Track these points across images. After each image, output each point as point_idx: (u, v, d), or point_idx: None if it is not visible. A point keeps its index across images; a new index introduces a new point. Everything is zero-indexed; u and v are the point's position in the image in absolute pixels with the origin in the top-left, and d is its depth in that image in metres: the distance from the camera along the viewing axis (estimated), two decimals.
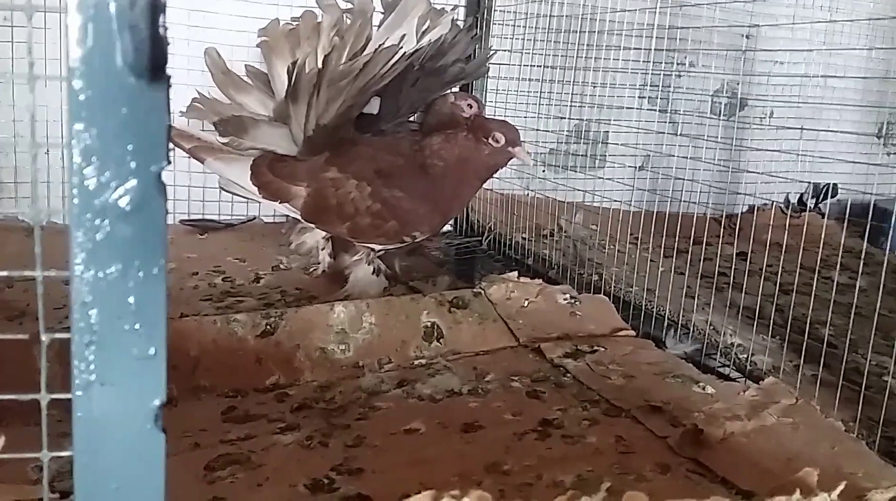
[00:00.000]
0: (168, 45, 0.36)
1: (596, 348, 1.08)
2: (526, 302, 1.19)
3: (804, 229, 2.12)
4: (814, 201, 2.33)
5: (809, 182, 2.35)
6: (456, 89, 1.61)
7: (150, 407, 0.41)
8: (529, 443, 0.84)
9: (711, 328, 1.14)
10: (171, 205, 1.74)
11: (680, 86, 2.15)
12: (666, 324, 1.21)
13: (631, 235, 1.71)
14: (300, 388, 0.99)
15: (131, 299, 0.38)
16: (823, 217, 2.22)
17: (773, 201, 2.18)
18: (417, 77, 1.40)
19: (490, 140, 1.31)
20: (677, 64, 2.11)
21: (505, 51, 1.81)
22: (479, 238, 1.80)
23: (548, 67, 1.89)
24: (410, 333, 1.11)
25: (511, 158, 1.34)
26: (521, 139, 1.34)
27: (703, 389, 0.96)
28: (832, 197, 2.32)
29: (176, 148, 1.36)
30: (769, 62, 2.29)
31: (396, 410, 0.92)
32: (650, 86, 2.11)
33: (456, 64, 1.46)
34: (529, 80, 1.87)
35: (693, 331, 1.18)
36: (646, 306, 1.26)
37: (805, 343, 1.06)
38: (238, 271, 1.48)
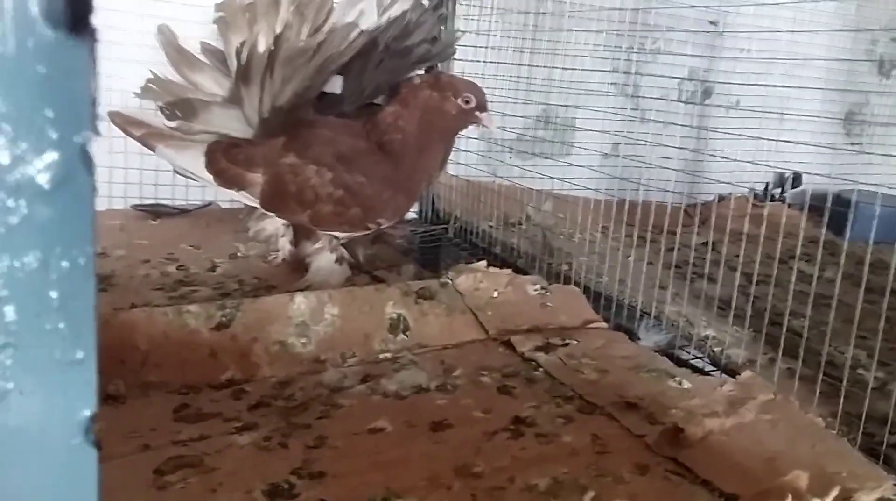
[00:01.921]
0: None
1: (568, 341, 1.04)
2: (495, 293, 1.15)
3: (769, 219, 2.13)
4: (779, 190, 2.33)
5: (774, 171, 2.35)
6: (422, 71, 1.56)
7: (78, 419, 0.35)
8: (501, 443, 0.79)
9: (685, 320, 1.11)
10: (122, 189, 1.69)
11: (647, 72, 2.12)
12: (638, 315, 1.17)
13: (597, 223, 1.68)
14: (257, 384, 0.94)
15: (53, 294, 0.33)
16: (788, 207, 2.23)
17: (751, 189, 2.19)
18: (382, 58, 1.34)
19: (459, 100, 1.26)
20: (646, 51, 2.08)
21: (471, 33, 1.76)
22: (445, 226, 1.75)
23: (515, 50, 1.85)
24: (375, 325, 1.05)
25: (475, 122, 1.30)
26: None
27: (680, 384, 0.92)
28: (796, 186, 2.32)
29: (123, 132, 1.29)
30: (735, 50, 2.28)
31: (360, 408, 0.86)
32: (619, 72, 2.08)
33: (422, 45, 1.40)
34: (497, 63, 1.82)
35: (665, 323, 1.14)
36: (617, 297, 1.22)
37: (778, 335, 1.03)
38: (192, 259, 1.41)
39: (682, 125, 1.88)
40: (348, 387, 0.92)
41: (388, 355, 1.02)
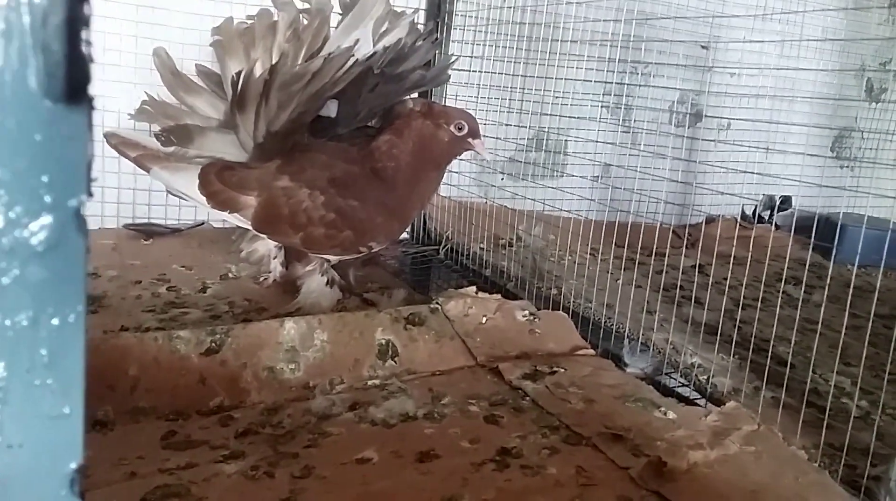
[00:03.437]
0: (91, 64, 0.32)
1: (555, 368, 1.05)
2: (484, 319, 1.16)
3: (758, 242, 2.15)
4: (767, 212, 2.35)
5: (763, 194, 2.37)
6: (415, 96, 1.58)
7: (64, 472, 0.36)
8: (487, 474, 0.80)
9: (671, 347, 1.12)
10: (114, 208, 1.70)
11: (639, 95, 2.14)
12: (625, 341, 1.18)
13: (587, 245, 1.69)
14: (246, 411, 0.94)
15: (43, 351, 0.33)
16: (776, 229, 2.25)
17: (743, 209, 2.20)
18: (377, 82, 1.35)
19: (452, 127, 1.28)
20: (638, 74, 2.10)
21: (466, 57, 1.78)
22: (437, 247, 1.76)
23: (508, 74, 1.87)
24: (364, 351, 1.06)
25: (468, 149, 1.32)
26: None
27: (665, 414, 0.93)
28: (785, 209, 2.34)
29: (118, 153, 1.30)
30: (726, 74, 2.31)
31: (348, 436, 0.87)
32: (610, 94, 2.10)
33: (416, 70, 1.41)
34: (489, 87, 1.84)
35: (652, 349, 1.16)
36: (605, 322, 1.23)
37: (764, 362, 1.05)
38: (184, 280, 1.42)
39: (668, 148, 1.90)
40: (336, 415, 0.92)
41: (377, 381, 1.02)
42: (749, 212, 2.34)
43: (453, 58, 1.66)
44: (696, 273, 1.53)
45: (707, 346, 1.17)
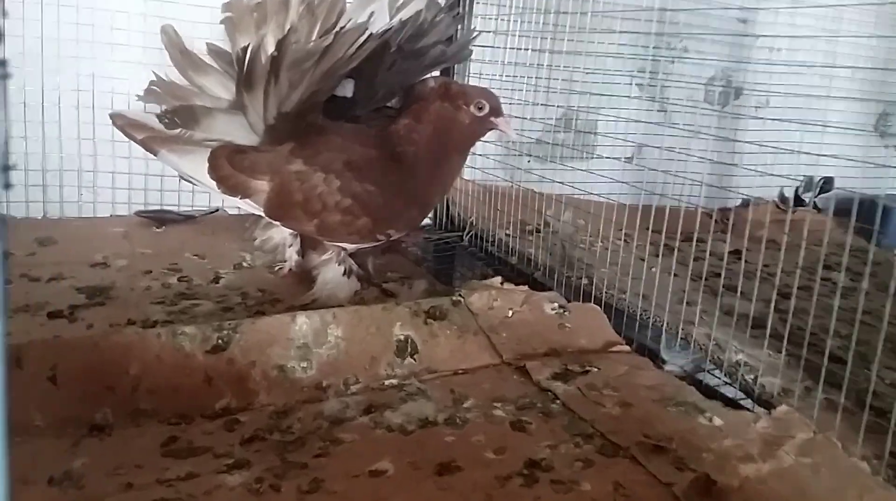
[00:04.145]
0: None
1: (588, 368, 0.97)
2: (510, 312, 1.08)
3: (798, 226, 2.04)
4: (808, 194, 2.23)
5: (803, 175, 2.25)
6: (436, 73, 1.49)
7: None
8: (514, 490, 0.72)
9: (714, 343, 1.03)
10: (126, 195, 1.64)
11: (673, 72, 2.04)
12: (663, 336, 1.10)
13: (620, 231, 1.60)
14: (254, 414, 0.87)
15: None
16: (819, 212, 2.14)
17: (782, 192, 2.09)
18: (395, 59, 1.27)
19: (472, 108, 1.21)
20: (671, 49, 2.00)
21: (489, 32, 1.69)
22: (460, 234, 1.68)
23: (534, 50, 1.77)
24: (381, 347, 0.99)
25: (492, 128, 1.24)
26: None
27: (710, 420, 0.85)
28: (826, 191, 2.23)
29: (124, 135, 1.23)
30: (766, 49, 2.19)
31: (362, 444, 0.80)
32: (643, 71, 2.00)
33: (436, 46, 1.33)
34: (515, 64, 1.75)
35: (693, 345, 1.07)
36: (641, 315, 1.15)
37: (815, 359, 0.95)
38: (196, 270, 1.35)
39: (704, 128, 1.80)
40: (350, 419, 0.85)
41: (395, 381, 0.95)
42: (788, 194, 2.23)
43: (476, 33, 1.57)
44: (739, 261, 1.43)
45: (751, 340, 1.08)
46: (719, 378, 1.06)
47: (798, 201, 2.21)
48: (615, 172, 1.70)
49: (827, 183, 2.21)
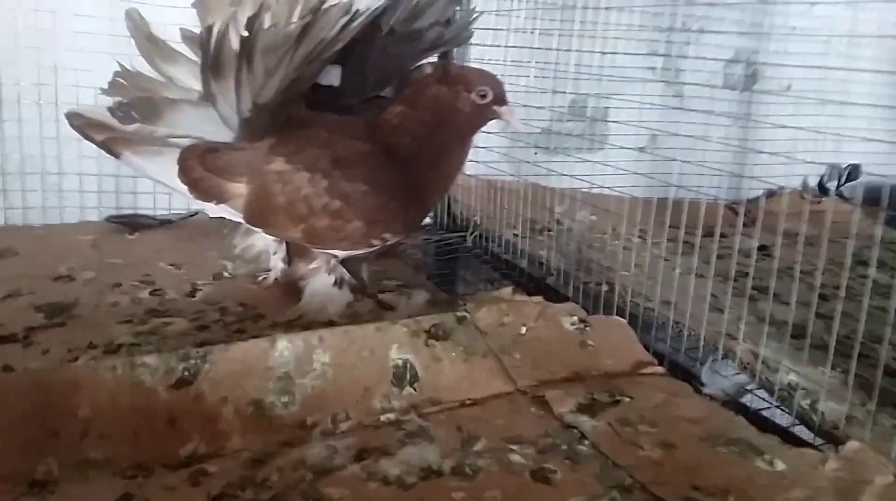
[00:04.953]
0: None
1: (618, 397, 0.83)
2: (524, 329, 0.94)
3: (825, 217, 1.90)
4: (834, 183, 2.09)
5: (828, 163, 2.11)
6: (434, 58, 1.35)
7: None
8: None
9: (762, 363, 0.89)
10: (95, 198, 1.50)
11: (690, 55, 1.89)
12: (699, 352, 0.96)
13: (634, 227, 1.46)
14: (225, 462, 0.73)
15: None
16: (845, 202, 2.01)
17: (806, 181, 1.96)
18: (387, 43, 1.13)
19: (473, 95, 1.07)
20: (687, 29, 1.85)
21: (491, 13, 1.54)
22: (463, 234, 1.54)
23: (541, 32, 1.63)
24: (376, 376, 0.85)
25: (494, 118, 1.11)
26: None
27: (771, 464, 0.71)
28: (853, 179, 2.09)
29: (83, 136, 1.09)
30: (787, 28, 2.04)
31: None
32: (657, 54, 1.86)
33: (433, 28, 1.19)
34: (519, 47, 1.61)
35: (736, 363, 0.93)
36: (672, 327, 1.01)
37: (875, 380, 0.81)
38: (171, 282, 1.22)
39: (727, 113, 1.67)
40: (338, 468, 0.71)
41: (392, 416, 0.81)
42: (812, 184, 2.09)
43: (476, 13, 1.43)
44: (767, 258, 1.30)
45: (797, 353, 0.94)
46: (762, 397, 0.92)
47: (822, 189, 2.07)
48: (628, 163, 1.56)
49: (853, 171, 2.07)
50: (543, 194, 1.47)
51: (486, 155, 1.62)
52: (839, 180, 2.08)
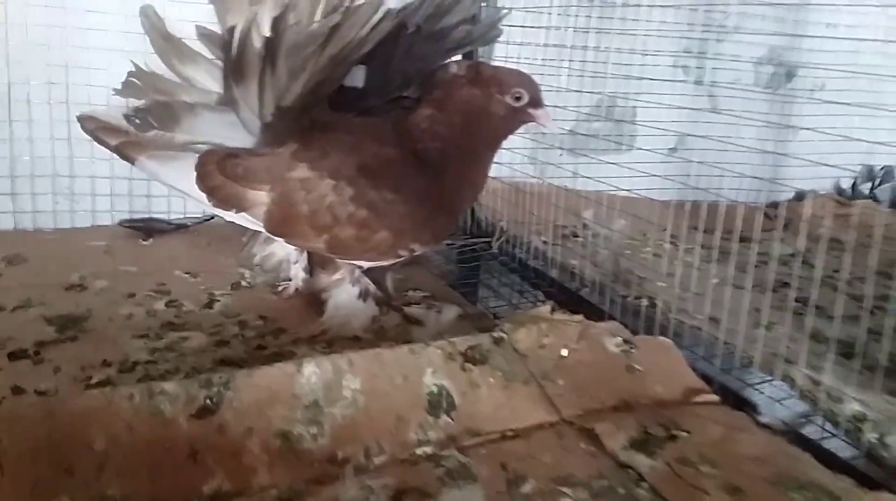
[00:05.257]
0: None
1: (674, 431, 0.76)
2: (565, 351, 0.88)
3: (861, 221, 1.84)
4: (868, 185, 2.02)
5: (862, 165, 2.04)
6: (458, 57, 1.29)
7: None
8: None
9: (825, 393, 0.83)
10: (108, 202, 1.44)
11: (721, 53, 1.82)
12: (752, 375, 0.90)
13: (663, 231, 1.40)
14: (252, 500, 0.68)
15: None
16: (879, 205, 1.94)
17: (839, 183, 1.89)
18: (412, 42, 1.07)
19: (508, 97, 1.01)
20: (719, 27, 1.79)
21: (519, 10, 1.48)
22: (488, 240, 1.48)
23: (568, 29, 1.57)
24: (409, 403, 0.79)
25: (527, 122, 1.05)
26: None
27: None
28: (888, 181, 2.02)
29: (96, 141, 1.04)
30: (821, 25, 1.97)
31: None
32: (687, 52, 1.79)
33: (460, 26, 1.13)
34: (546, 46, 1.55)
35: (795, 391, 0.87)
36: (723, 348, 0.95)
37: None
38: (187, 292, 1.17)
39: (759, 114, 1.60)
40: None
41: (428, 449, 0.75)
42: (845, 186, 2.02)
43: (504, 11, 1.37)
44: (804, 266, 1.23)
45: (849, 374, 0.88)
46: (824, 427, 0.86)
47: (856, 192, 2.01)
48: (656, 166, 1.50)
49: (888, 173, 2.00)
50: (572, 198, 1.40)
51: (510, 156, 1.56)
52: (873, 183, 2.02)
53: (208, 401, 0.75)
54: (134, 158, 1.00)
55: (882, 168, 2.00)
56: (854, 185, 2.00)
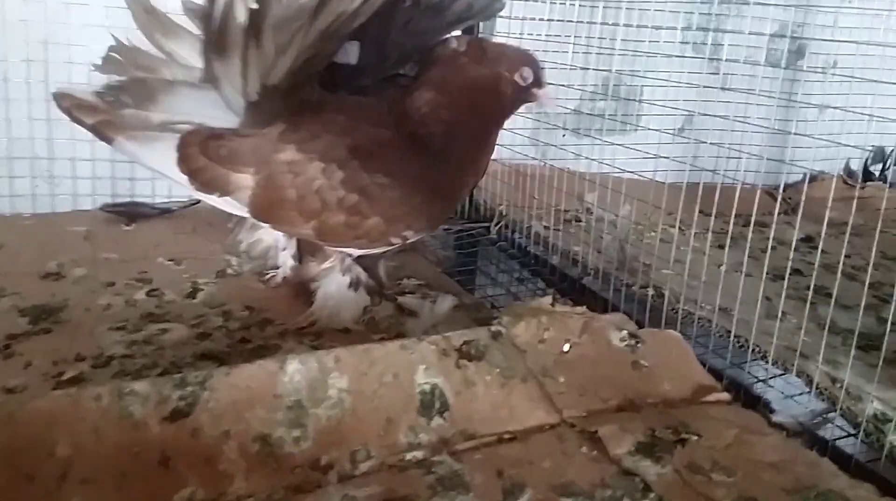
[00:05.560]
0: None
1: (684, 434, 0.71)
2: (567, 346, 0.83)
3: (870, 204, 1.78)
4: (879, 166, 1.96)
5: (872, 145, 1.98)
6: (458, 32, 1.23)
7: None
8: None
9: (844, 391, 0.78)
10: (90, 184, 1.38)
11: (730, 28, 1.75)
12: (765, 370, 0.85)
13: (670, 214, 1.34)
14: None
15: None
16: (891, 187, 1.88)
17: (849, 165, 1.84)
18: (410, 16, 1.01)
19: (517, 76, 0.97)
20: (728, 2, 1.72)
21: None
22: (487, 224, 1.43)
23: (571, 4, 1.50)
24: (400, 404, 0.74)
25: (530, 101, 1.01)
26: None
27: None
28: None
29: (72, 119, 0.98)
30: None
31: None
32: (694, 28, 1.72)
33: None
34: (549, 20, 1.48)
35: (811, 389, 0.81)
36: (733, 341, 0.90)
37: None
38: (169, 280, 1.11)
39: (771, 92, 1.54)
40: None
41: (419, 454, 0.70)
42: (855, 168, 1.96)
43: None
44: (814, 251, 1.17)
45: (870, 371, 0.82)
46: (840, 428, 0.81)
47: (867, 174, 1.94)
48: (662, 146, 1.44)
49: None
50: (575, 181, 1.35)
51: (510, 137, 1.50)
52: (884, 164, 1.96)
53: (182, 402, 0.70)
54: (112, 138, 0.94)
55: (893, 149, 1.94)
56: (865, 166, 1.94)
